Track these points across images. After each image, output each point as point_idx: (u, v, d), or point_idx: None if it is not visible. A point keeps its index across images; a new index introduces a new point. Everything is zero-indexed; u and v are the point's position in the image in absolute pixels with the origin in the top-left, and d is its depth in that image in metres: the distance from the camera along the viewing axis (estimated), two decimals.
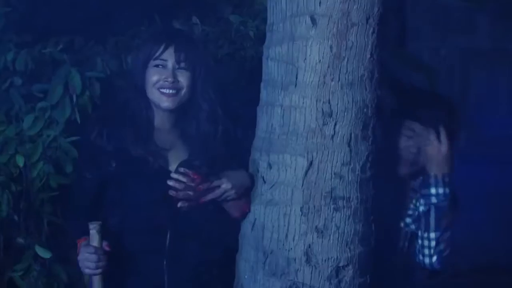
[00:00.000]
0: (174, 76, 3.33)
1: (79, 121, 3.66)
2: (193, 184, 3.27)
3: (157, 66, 3.35)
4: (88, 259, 3.15)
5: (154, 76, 3.34)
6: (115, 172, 3.31)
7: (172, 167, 3.34)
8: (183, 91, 3.35)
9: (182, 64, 3.34)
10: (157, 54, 3.34)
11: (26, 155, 3.64)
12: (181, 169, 3.30)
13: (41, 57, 3.79)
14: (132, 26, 4.21)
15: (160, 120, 3.41)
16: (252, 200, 3.40)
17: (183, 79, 3.34)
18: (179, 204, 3.27)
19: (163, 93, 3.33)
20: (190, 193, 3.27)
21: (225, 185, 3.30)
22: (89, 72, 3.76)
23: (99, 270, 3.16)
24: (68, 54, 3.80)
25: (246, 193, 3.38)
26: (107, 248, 3.17)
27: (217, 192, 3.30)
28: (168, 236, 3.32)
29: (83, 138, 3.41)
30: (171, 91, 3.33)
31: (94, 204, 3.33)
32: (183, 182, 3.26)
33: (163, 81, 3.33)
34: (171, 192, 3.25)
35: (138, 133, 3.33)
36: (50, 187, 3.68)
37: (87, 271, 3.17)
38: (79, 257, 3.17)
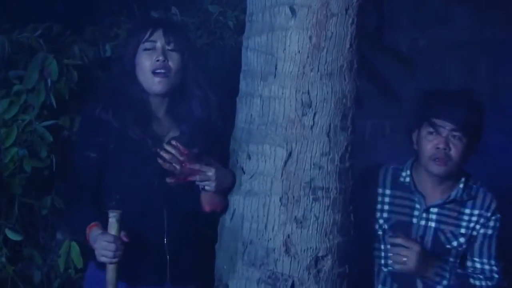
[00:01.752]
0: (165, 55, 3.33)
1: (55, 106, 3.65)
2: (181, 158, 3.28)
3: (147, 49, 3.35)
4: (106, 247, 3.12)
5: (146, 61, 3.34)
6: (114, 153, 3.32)
7: None
8: (173, 73, 3.34)
9: (172, 45, 3.34)
10: (146, 36, 3.34)
11: (0, 139, 3.62)
12: (173, 142, 3.32)
13: (18, 43, 3.77)
14: (111, 16, 4.19)
15: (155, 107, 3.41)
16: (231, 190, 3.40)
17: (173, 61, 3.33)
18: (167, 179, 3.29)
19: (155, 74, 3.32)
20: (177, 166, 3.28)
21: (210, 173, 3.30)
22: (66, 59, 3.74)
23: (116, 260, 3.15)
24: (45, 41, 3.78)
25: (223, 192, 3.40)
26: (125, 239, 3.17)
27: (201, 177, 3.31)
28: (165, 215, 3.33)
29: (87, 117, 3.39)
30: (162, 70, 3.32)
31: (96, 185, 3.34)
32: (172, 154, 3.28)
33: (154, 62, 3.32)
34: (159, 161, 3.28)
35: (137, 117, 3.34)
36: (24, 171, 3.66)
37: (103, 259, 3.15)
38: (96, 245, 3.14)
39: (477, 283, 3.55)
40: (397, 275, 3.56)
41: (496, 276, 3.57)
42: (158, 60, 3.32)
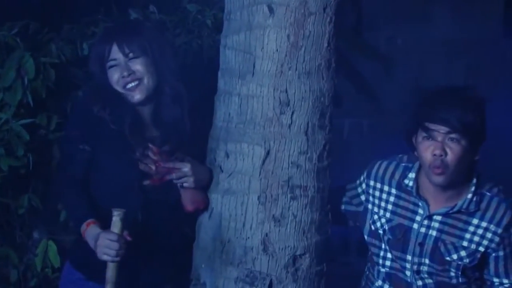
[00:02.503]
0: (128, 69, 3.33)
1: (31, 105, 3.64)
2: (154, 158, 3.28)
3: (111, 67, 3.36)
4: (109, 246, 3.14)
5: (113, 77, 3.36)
6: (100, 152, 3.33)
7: None
8: (145, 79, 3.34)
9: (131, 55, 3.34)
10: (106, 56, 3.35)
11: None
12: (146, 144, 3.32)
13: None
14: (88, 14, 4.17)
15: (141, 110, 3.41)
16: (210, 189, 3.40)
17: (139, 67, 3.34)
18: (144, 182, 3.29)
19: (128, 89, 3.34)
20: (152, 167, 3.28)
21: (186, 169, 3.30)
22: (43, 58, 3.73)
23: (118, 258, 3.16)
24: (22, 39, 3.76)
25: (203, 188, 3.39)
26: (128, 238, 3.16)
27: (177, 174, 3.31)
28: (140, 219, 3.34)
29: (83, 111, 3.38)
30: (132, 84, 3.34)
31: (87, 179, 3.35)
32: (147, 155, 3.28)
33: (122, 78, 3.34)
34: (140, 166, 3.28)
35: (133, 120, 3.35)
36: (0, 169, 3.65)
37: (105, 257, 3.15)
38: (98, 243, 3.15)
39: None
40: (393, 276, 3.47)
41: None
42: (123, 76, 3.33)
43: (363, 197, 3.52)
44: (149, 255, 3.36)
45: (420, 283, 3.41)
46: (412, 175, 3.37)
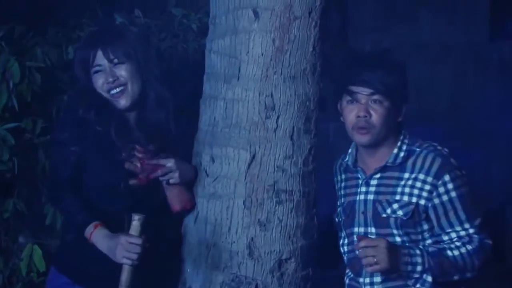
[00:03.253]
0: (113, 75, 3.33)
1: (17, 109, 3.63)
2: (139, 155, 3.28)
3: (96, 72, 3.35)
4: (131, 249, 3.14)
5: (98, 83, 3.35)
6: (88, 153, 3.33)
7: None
8: (129, 85, 3.34)
9: (115, 60, 3.34)
10: (90, 61, 3.35)
11: None
12: (131, 145, 3.31)
13: None
14: (74, 18, 4.17)
15: (127, 117, 3.41)
16: (195, 193, 3.40)
17: (123, 72, 3.34)
18: (130, 182, 3.28)
19: (113, 95, 3.34)
20: (137, 164, 3.28)
21: (170, 164, 3.31)
22: (28, 62, 3.72)
23: (137, 262, 3.16)
24: (7, 43, 3.75)
25: (189, 184, 3.39)
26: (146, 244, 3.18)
27: (162, 171, 3.31)
28: (126, 221, 3.31)
29: (70, 114, 3.38)
30: (117, 89, 3.34)
31: (78, 181, 3.35)
32: (133, 155, 3.29)
33: (106, 84, 3.33)
34: (126, 165, 3.28)
35: (118, 123, 3.34)
36: None
37: (125, 261, 3.15)
38: (119, 246, 3.14)
39: (456, 252, 3.20)
40: (352, 259, 3.34)
41: (476, 236, 3.21)
42: (108, 82, 3.33)
43: None
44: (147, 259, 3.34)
45: None
46: (350, 150, 3.39)
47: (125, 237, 3.16)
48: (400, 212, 3.24)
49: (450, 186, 3.22)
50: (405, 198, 3.25)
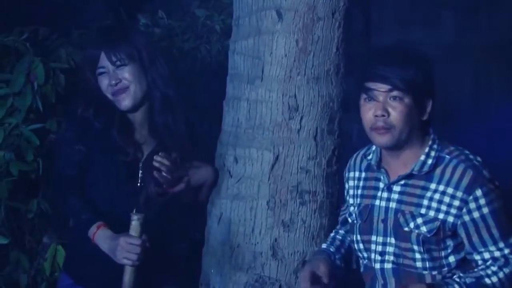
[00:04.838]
0: (116, 77, 3.32)
1: (41, 110, 3.65)
2: (166, 163, 3.23)
3: (100, 74, 3.36)
4: (131, 250, 3.13)
5: (102, 84, 3.36)
6: (94, 157, 3.33)
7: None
8: (132, 87, 3.33)
9: (118, 63, 3.33)
10: (95, 63, 3.35)
11: None
12: (161, 153, 3.27)
13: (4, 46, 3.76)
14: (97, 20, 4.19)
15: (131, 118, 3.41)
16: (219, 194, 3.40)
17: (127, 74, 3.32)
18: (149, 189, 3.28)
19: (115, 96, 3.34)
20: (169, 176, 3.25)
21: (183, 185, 3.31)
22: (53, 63, 3.74)
23: (138, 263, 3.15)
24: (32, 45, 3.77)
25: (198, 186, 3.40)
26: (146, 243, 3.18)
27: (180, 186, 3.31)
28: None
29: (76, 118, 3.39)
30: (120, 91, 3.33)
31: (82, 180, 3.35)
32: (166, 165, 3.24)
33: (110, 86, 3.34)
34: (155, 174, 3.24)
35: (121, 126, 3.34)
36: (10, 174, 3.65)
37: (125, 261, 3.14)
38: (119, 246, 3.13)
39: (494, 279, 2.91)
40: (367, 267, 3.07)
41: (511, 256, 2.92)
42: (111, 85, 3.33)
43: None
44: (151, 258, 3.29)
45: (378, 266, 3.04)
46: (374, 148, 3.08)
47: (125, 237, 3.13)
48: (424, 228, 2.94)
49: (482, 201, 2.90)
50: (431, 213, 2.94)
